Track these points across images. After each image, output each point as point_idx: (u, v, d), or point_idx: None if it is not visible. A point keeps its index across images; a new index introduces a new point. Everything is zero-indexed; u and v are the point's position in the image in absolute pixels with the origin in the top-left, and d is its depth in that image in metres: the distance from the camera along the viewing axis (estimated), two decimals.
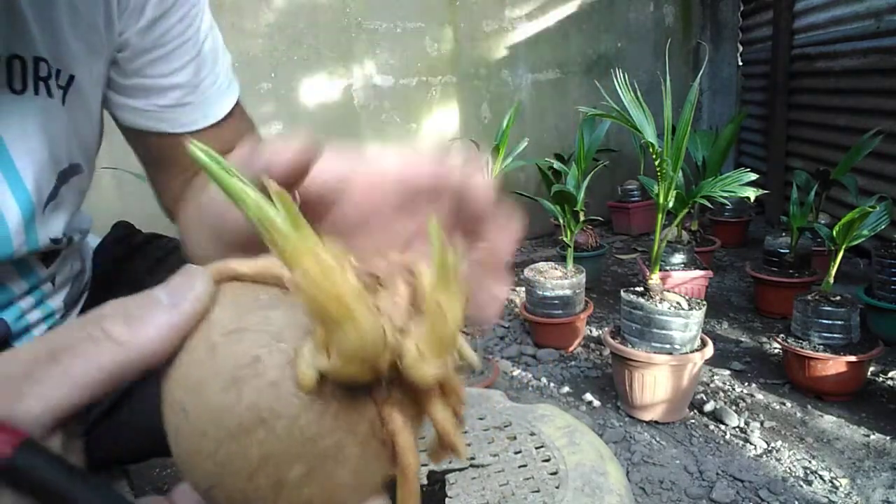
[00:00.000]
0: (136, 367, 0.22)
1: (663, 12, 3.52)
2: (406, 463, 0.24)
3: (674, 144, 1.46)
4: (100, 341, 0.22)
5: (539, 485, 0.51)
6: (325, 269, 0.21)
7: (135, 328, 0.22)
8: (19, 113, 0.48)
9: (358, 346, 0.21)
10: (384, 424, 0.24)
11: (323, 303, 0.21)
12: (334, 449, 0.23)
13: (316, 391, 0.23)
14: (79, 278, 0.65)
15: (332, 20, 2.89)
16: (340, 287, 0.21)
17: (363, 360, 0.22)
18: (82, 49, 0.52)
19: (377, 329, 0.22)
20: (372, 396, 0.24)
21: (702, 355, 1.47)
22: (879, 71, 2.31)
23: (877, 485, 1.26)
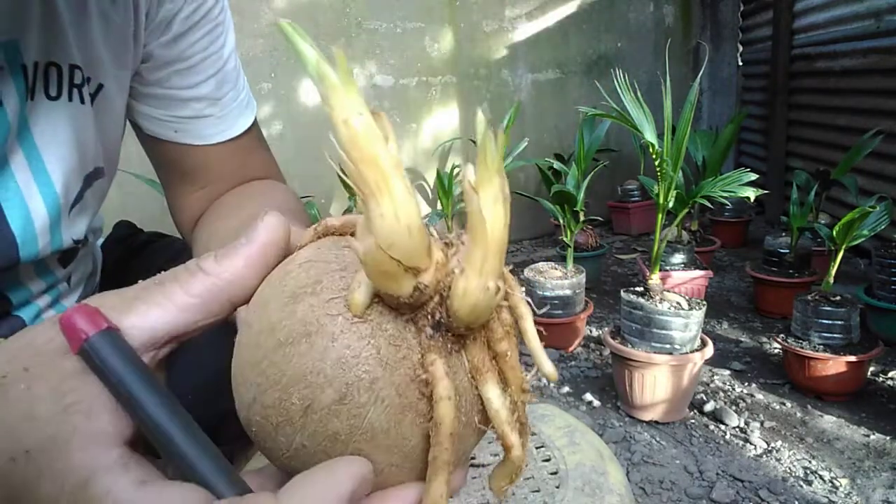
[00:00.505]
0: (223, 294, 0.26)
1: (663, 12, 3.51)
2: (442, 415, 0.23)
3: (674, 144, 1.46)
4: (195, 272, 0.26)
5: (539, 484, 0.51)
6: (366, 130, 0.21)
7: (221, 262, 0.26)
8: (53, 118, 0.49)
9: (393, 225, 0.21)
10: (425, 370, 0.23)
11: (360, 164, 0.21)
12: (368, 381, 0.23)
13: (364, 316, 0.23)
14: (91, 278, 0.65)
15: (332, 20, 2.89)
16: (379, 150, 0.21)
17: (399, 248, 0.21)
18: (111, 59, 0.53)
19: (415, 214, 0.21)
20: (419, 343, 0.23)
21: (702, 355, 1.47)
22: (879, 71, 2.31)
23: (877, 485, 1.26)
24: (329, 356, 0.23)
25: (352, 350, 0.23)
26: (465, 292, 0.22)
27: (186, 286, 0.26)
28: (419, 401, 0.23)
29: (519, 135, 3.12)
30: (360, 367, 0.23)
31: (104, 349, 0.23)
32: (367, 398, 0.23)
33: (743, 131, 3.46)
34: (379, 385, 0.23)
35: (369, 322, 0.23)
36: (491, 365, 0.25)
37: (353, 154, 0.21)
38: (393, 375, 0.23)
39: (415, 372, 0.23)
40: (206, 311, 0.26)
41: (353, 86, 0.22)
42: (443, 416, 0.23)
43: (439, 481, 0.23)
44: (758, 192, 1.49)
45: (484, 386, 0.25)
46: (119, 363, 0.23)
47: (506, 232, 0.22)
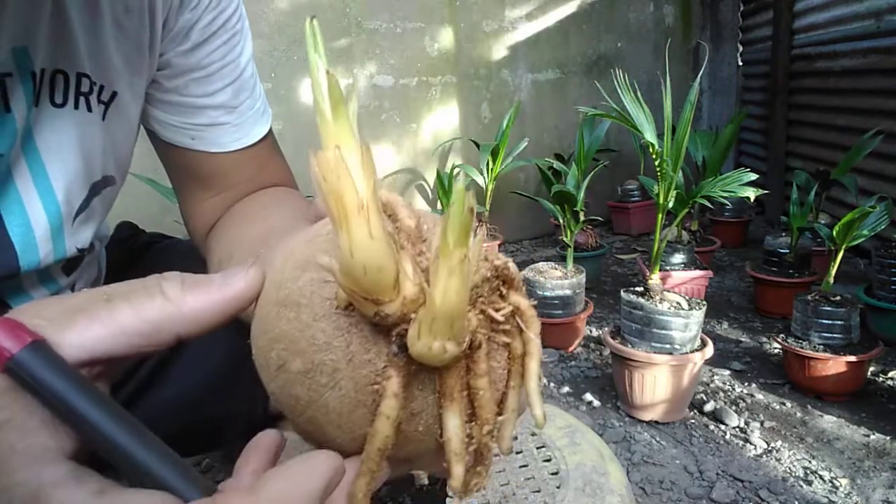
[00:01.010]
0: (175, 326, 0.24)
1: (663, 12, 3.52)
2: (376, 428, 0.24)
3: (674, 144, 1.46)
4: (154, 294, 0.24)
5: (540, 485, 0.51)
6: (340, 167, 0.22)
7: (187, 291, 0.25)
8: (57, 126, 0.49)
9: (347, 260, 0.22)
10: (381, 381, 0.24)
11: (328, 196, 0.22)
12: (331, 369, 0.24)
13: (345, 310, 0.24)
14: (96, 284, 0.65)
15: (332, 20, 2.89)
16: (344, 187, 0.22)
17: (356, 280, 0.22)
18: (125, 66, 0.52)
19: (374, 253, 0.22)
20: (387, 354, 0.25)
21: (702, 355, 1.47)
22: (879, 71, 2.31)
23: (877, 485, 1.26)
24: (306, 332, 0.24)
25: (325, 335, 0.24)
26: (413, 343, 0.23)
27: (140, 308, 0.24)
28: (372, 403, 0.25)
29: (519, 135, 3.12)
30: (328, 353, 0.24)
31: (32, 365, 0.22)
32: (326, 381, 0.24)
33: (743, 131, 3.46)
34: (339, 375, 0.24)
35: (350, 317, 0.24)
36: (460, 396, 0.25)
37: (322, 184, 0.22)
38: (354, 372, 0.24)
39: (374, 377, 0.24)
40: (150, 339, 0.24)
41: (342, 115, 0.23)
42: (377, 431, 0.24)
43: (361, 483, 0.25)
44: (758, 192, 1.49)
45: (445, 412, 0.25)
46: (51, 377, 0.22)
47: (460, 301, 0.22)
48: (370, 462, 0.24)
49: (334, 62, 2.96)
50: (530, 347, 0.27)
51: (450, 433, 0.25)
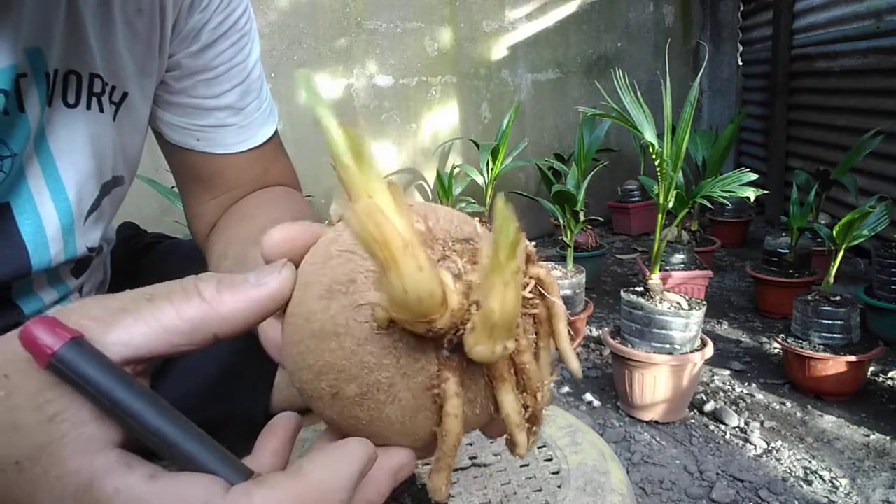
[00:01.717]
0: (213, 326, 0.25)
1: (663, 12, 3.52)
2: (447, 428, 0.25)
3: (674, 144, 1.46)
4: (191, 295, 0.25)
5: (541, 484, 0.51)
6: (374, 212, 0.22)
7: (222, 292, 0.25)
8: (69, 125, 0.49)
9: (402, 296, 0.22)
10: (439, 384, 0.26)
11: (370, 243, 0.22)
12: (387, 385, 0.25)
13: (386, 329, 0.25)
14: (102, 287, 0.65)
15: (332, 20, 2.89)
16: (387, 232, 0.22)
17: (410, 310, 0.23)
18: (136, 68, 0.53)
19: (426, 284, 0.22)
20: (437, 358, 0.26)
21: (702, 355, 1.47)
22: (879, 71, 2.31)
23: (877, 485, 1.26)
24: (354, 359, 0.25)
25: (374, 357, 0.25)
26: (475, 348, 0.24)
27: (179, 308, 0.25)
28: (433, 404, 0.26)
29: (519, 135, 3.12)
30: (381, 372, 0.25)
31: (74, 360, 0.22)
32: (385, 397, 0.25)
33: (743, 131, 3.46)
34: (396, 388, 0.25)
35: (391, 335, 0.25)
36: (509, 375, 0.27)
37: (363, 234, 0.22)
38: (409, 382, 0.25)
39: (430, 381, 0.26)
40: (190, 338, 0.25)
41: (367, 165, 0.23)
42: (449, 430, 0.25)
43: (441, 475, 0.26)
44: (758, 192, 1.49)
45: (499, 392, 0.27)
46: (94, 372, 0.23)
47: (516, 306, 0.23)
48: (446, 458, 0.26)
49: (334, 62, 2.96)
50: (555, 310, 0.29)
51: (508, 409, 0.27)
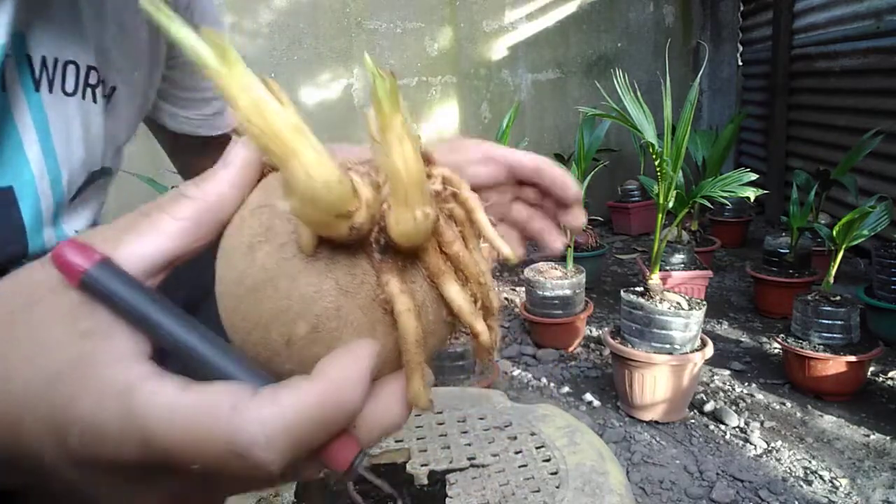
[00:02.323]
0: (210, 214, 0.27)
1: (663, 12, 3.52)
2: (403, 327, 0.25)
3: (674, 144, 1.46)
4: (178, 199, 0.27)
5: (539, 484, 0.51)
6: (259, 104, 0.22)
7: (202, 186, 0.27)
8: (67, 112, 0.51)
9: (308, 184, 0.22)
10: (382, 290, 0.25)
11: (263, 139, 0.22)
12: (334, 310, 0.25)
13: (315, 255, 0.25)
14: None
15: (332, 20, 2.89)
16: (276, 122, 0.22)
17: (321, 202, 0.23)
18: (125, 64, 0.55)
19: (327, 166, 0.22)
20: (372, 265, 0.26)
21: (702, 355, 1.47)
22: (879, 71, 2.31)
23: (877, 485, 1.26)
24: (294, 295, 0.25)
25: (312, 286, 0.25)
26: (398, 225, 0.24)
27: (173, 212, 0.26)
28: (384, 315, 0.26)
29: (519, 135, 3.12)
30: (324, 299, 0.25)
31: (104, 278, 0.24)
32: (336, 324, 0.25)
33: (743, 131, 3.46)
34: (344, 311, 0.25)
35: (322, 259, 0.25)
36: (446, 267, 0.27)
37: (252, 130, 0.22)
38: (355, 300, 0.25)
39: (375, 293, 0.26)
40: (196, 234, 0.27)
41: (236, 64, 0.23)
42: (406, 328, 0.25)
43: (416, 379, 0.26)
44: (758, 192, 1.49)
45: (444, 287, 0.27)
46: (123, 288, 0.24)
47: (418, 162, 0.24)
48: (413, 356, 0.26)
49: (334, 62, 2.96)
50: (470, 204, 0.29)
51: (455, 300, 0.27)
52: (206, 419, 0.22)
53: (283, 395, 0.23)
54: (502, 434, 0.60)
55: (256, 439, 0.22)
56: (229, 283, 0.26)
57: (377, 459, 0.46)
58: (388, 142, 0.23)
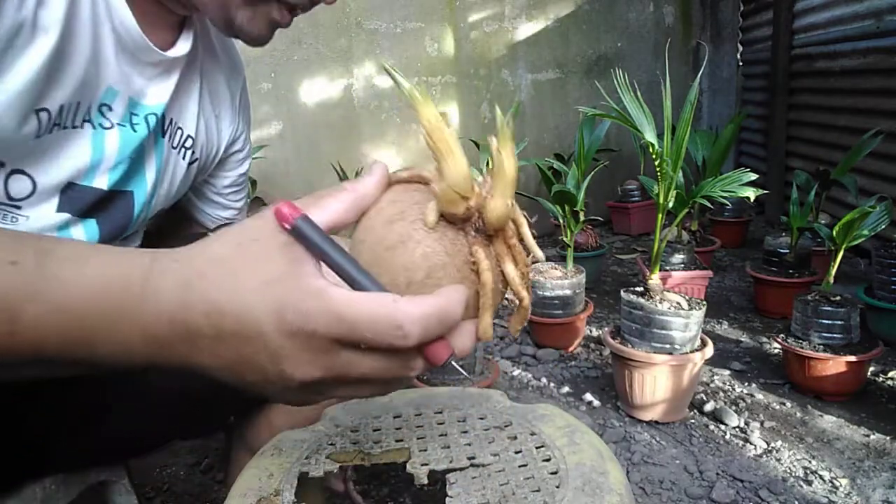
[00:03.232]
0: (357, 203, 0.40)
1: (663, 12, 3.52)
2: (484, 279, 0.39)
3: (674, 144, 1.46)
4: (342, 189, 0.40)
5: (539, 484, 0.51)
6: (437, 122, 0.38)
7: (356, 185, 0.40)
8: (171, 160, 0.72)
9: (455, 172, 0.38)
10: (473, 256, 0.39)
11: (435, 141, 0.38)
12: (441, 265, 0.38)
13: (435, 228, 0.39)
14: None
15: (332, 20, 2.89)
16: (446, 133, 0.38)
17: (459, 186, 0.38)
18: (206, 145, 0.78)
19: (465, 166, 0.38)
20: (467, 241, 0.40)
21: (702, 355, 1.47)
22: (879, 71, 2.31)
23: (877, 485, 1.26)
24: (417, 252, 0.38)
25: (431, 248, 0.38)
26: (495, 207, 0.39)
27: (337, 196, 0.39)
28: (471, 273, 0.39)
29: (519, 135, 3.12)
30: (436, 257, 0.38)
31: (305, 227, 0.37)
32: (442, 274, 0.38)
33: (743, 131, 3.46)
34: (448, 267, 0.39)
35: (438, 231, 0.39)
36: (508, 252, 0.41)
37: (432, 133, 0.38)
38: (455, 260, 0.39)
39: (467, 257, 0.39)
40: (347, 213, 0.39)
41: (429, 100, 0.38)
42: (486, 279, 0.39)
43: (487, 315, 0.40)
44: (758, 192, 1.48)
45: (504, 265, 0.41)
46: (316, 234, 0.37)
47: (516, 172, 0.39)
48: (488, 299, 0.39)
49: (334, 62, 2.96)
50: (520, 220, 0.42)
51: (510, 274, 0.41)
52: (378, 305, 0.35)
53: (419, 299, 0.36)
54: (502, 434, 0.60)
55: (407, 317, 0.34)
56: (372, 244, 0.39)
57: (377, 459, 0.50)
58: (504, 153, 0.38)
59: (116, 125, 0.63)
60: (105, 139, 0.63)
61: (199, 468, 1.45)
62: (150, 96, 0.66)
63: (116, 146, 0.64)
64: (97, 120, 0.62)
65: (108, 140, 0.63)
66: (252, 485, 0.53)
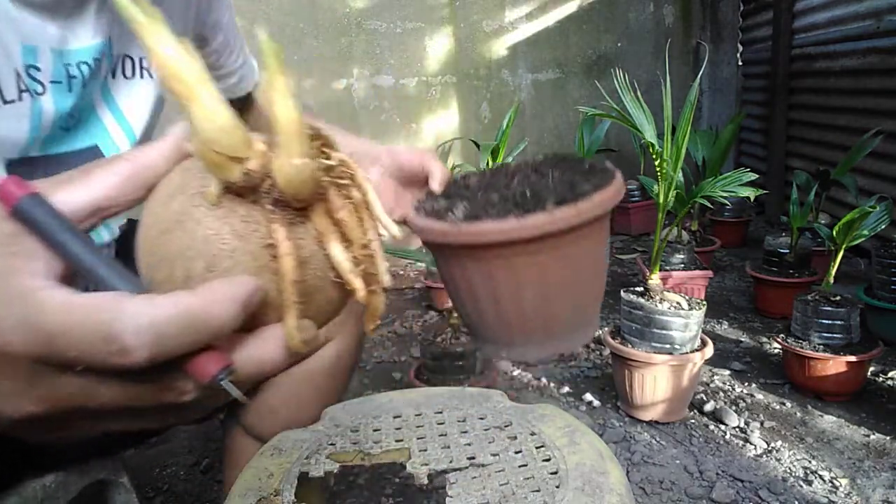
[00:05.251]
0: (139, 176, 0.32)
1: (663, 12, 3.52)
2: (283, 266, 0.29)
3: (674, 144, 1.46)
4: (118, 158, 0.32)
5: (539, 484, 0.51)
6: (173, 52, 0.27)
7: (138, 153, 0.32)
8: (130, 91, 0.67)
9: (207, 122, 0.27)
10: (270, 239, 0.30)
11: (170, 79, 0.27)
12: (229, 252, 0.29)
13: (219, 204, 0.29)
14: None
15: (332, 20, 2.89)
16: (183, 70, 0.27)
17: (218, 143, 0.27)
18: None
19: (224, 113, 0.27)
20: (266, 218, 0.30)
21: (702, 355, 1.47)
22: (879, 71, 2.31)
23: (877, 485, 1.26)
24: (196, 236, 0.29)
25: (213, 229, 0.29)
26: (282, 168, 0.29)
27: (111, 169, 0.31)
28: (271, 262, 0.30)
29: (519, 135, 3.12)
30: (220, 242, 0.29)
31: (33, 208, 0.29)
32: (229, 264, 0.29)
33: (743, 131, 3.46)
34: (237, 253, 0.29)
35: (223, 208, 0.30)
36: (332, 229, 0.31)
37: (163, 73, 0.27)
38: (247, 244, 0.29)
39: (264, 241, 0.30)
40: (124, 189, 0.31)
41: (158, 21, 0.27)
42: (284, 268, 0.29)
43: (290, 317, 0.30)
44: (758, 192, 1.48)
45: (328, 246, 0.31)
46: (46, 218, 0.29)
47: (298, 117, 0.28)
48: (289, 295, 0.30)
49: (334, 62, 2.96)
50: (364, 185, 0.33)
51: (337, 258, 0.31)
52: (91, 308, 0.26)
53: (159, 299, 0.26)
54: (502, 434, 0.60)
55: (127, 326, 0.25)
56: (147, 227, 0.31)
57: (377, 459, 0.48)
58: (272, 96, 0.27)
59: (49, 84, 0.57)
60: (42, 105, 0.57)
61: (199, 468, 1.45)
62: (73, 40, 0.58)
63: (52, 108, 0.58)
64: (32, 86, 0.56)
65: (45, 105, 0.57)
66: (252, 485, 0.53)
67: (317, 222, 0.31)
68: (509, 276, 0.47)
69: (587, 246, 0.48)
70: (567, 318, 0.50)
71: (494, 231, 0.44)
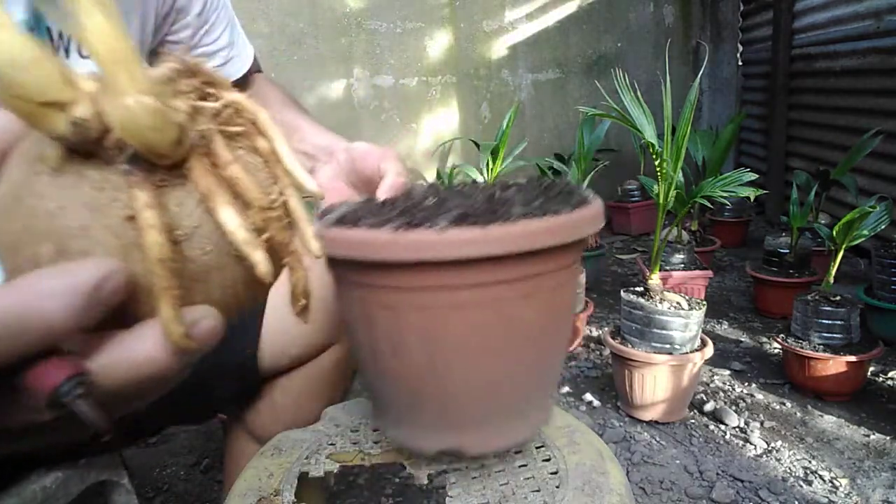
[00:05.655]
0: None
1: (663, 12, 3.52)
2: (147, 244, 0.23)
3: (674, 144, 1.46)
4: None
5: (539, 484, 0.51)
6: None
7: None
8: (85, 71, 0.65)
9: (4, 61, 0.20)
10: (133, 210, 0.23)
11: None
12: (80, 230, 0.23)
13: (63, 169, 0.23)
14: None
15: (332, 20, 2.89)
16: None
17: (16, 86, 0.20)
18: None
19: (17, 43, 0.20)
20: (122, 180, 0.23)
21: (702, 355, 1.47)
22: (879, 71, 2.31)
23: (877, 485, 1.26)
24: (40, 212, 0.23)
25: (56, 202, 0.23)
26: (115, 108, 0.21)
27: None
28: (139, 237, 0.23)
29: (519, 135, 3.12)
30: (69, 217, 0.23)
31: None
32: (84, 244, 0.23)
33: (743, 131, 3.46)
34: (92, 231, 0.23)
35: (70, 174, 0.23)
36: (220, 189, 0.25)
37: None
38: (104, 218, 0.23)
39: (126, 210, 0.23)
40: None
41: None
42: (149, 245, 0.23)
43: (164, 307, 0.23)
44: (758, 192, 1.48)
45: (215, 210, 0.24)
46: None
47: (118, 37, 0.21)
48: (159, 279, 0.23)
49: (334, 62, 2.96)
50: (270, 133, 0.27)
51: (227, 223, 0.24)
52: None
53: None
54: None
55: None
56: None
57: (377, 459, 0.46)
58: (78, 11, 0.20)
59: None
60: None
61: (199, 468, 1.45)
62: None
63: None
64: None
65: None
66: (252, 485, 0.53)
67: (199, 183, 0.24)
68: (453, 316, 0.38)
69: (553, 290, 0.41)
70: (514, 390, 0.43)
71: (442, 243, 0.35)
